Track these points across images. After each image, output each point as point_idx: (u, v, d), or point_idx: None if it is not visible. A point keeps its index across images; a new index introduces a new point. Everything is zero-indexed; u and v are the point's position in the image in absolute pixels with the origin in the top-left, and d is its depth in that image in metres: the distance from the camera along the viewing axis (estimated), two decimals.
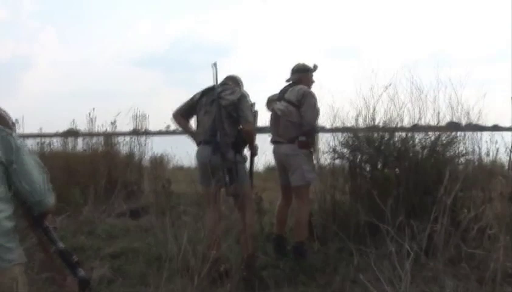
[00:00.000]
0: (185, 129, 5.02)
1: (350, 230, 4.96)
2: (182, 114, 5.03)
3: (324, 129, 5.75)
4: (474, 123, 5.40)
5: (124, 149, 9.26)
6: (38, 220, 2.78)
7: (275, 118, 5.27)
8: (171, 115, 5.08)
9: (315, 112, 5.11)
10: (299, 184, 5.05)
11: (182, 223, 6.13)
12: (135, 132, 9.29)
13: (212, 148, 4.65)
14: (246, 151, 4.91)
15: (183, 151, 14.55)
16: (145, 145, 9.32)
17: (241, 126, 4.73)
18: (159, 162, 10.19)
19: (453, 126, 5.47)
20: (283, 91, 5.34)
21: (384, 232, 4.41)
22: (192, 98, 4.96)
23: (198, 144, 4.90)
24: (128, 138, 9.36)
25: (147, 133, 9.52)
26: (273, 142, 5.33)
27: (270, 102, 5.38)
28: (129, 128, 9.47)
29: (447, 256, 4.26)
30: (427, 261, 4.26)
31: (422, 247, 4.23)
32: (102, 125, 9.27)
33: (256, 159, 5.11)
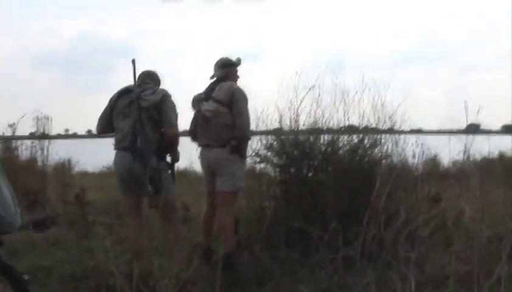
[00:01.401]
0: None
1: (279, 237, 4.79)
2: (105, 124, 4.56)
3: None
4: (397, 126, 5.44)
5: (24, 154, 8.58)
6: None
7: (202, 120, 4.91)
8: (96, 128, 4.63)
9: (247, 112, 4.85)
10: (227, 190, 4.76)
11: (96, 235, 5.73)
12: (38, 136, 8.63)
13: (132, 154, 4.23)
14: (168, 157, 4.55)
15: (87, 156, 14.02)
16: (48, 149, 8.67)
17: (163, 130, 4.35)
18: (64, 168, 9.54)
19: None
20: (210, 89, 4.98)
21: (316, 238, 4.32)
22: (109, 103, 4.52)
23: (116, 149, 4.48)
24: (28, 142, 8.69)
25: (49, 137, 8.91)
26: (201, 145, 5.00)
27: (197, 102, 5.04)
28: (30, 131, 8.86)
29: (383, 260, 4.20)
30: (363, 266, 4.16)
31: (357, 252, 4.17)
32: None
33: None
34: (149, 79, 4.60)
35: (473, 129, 4.99)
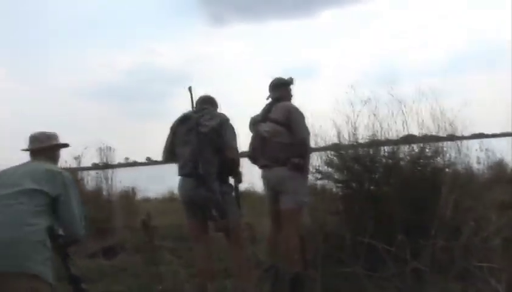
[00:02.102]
0: None
1: (345, 253, 4.73)
2: (169, 153, 4.64)
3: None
4: (458, 132, 5.32)
5: (90, 184, 8.82)
6: (62, 248, 3.15)
7: (261, 141, 4.95)
8: (161, 157, 4.73)
9: (306, 128, 4.86)
10: (291, 207, 4.75)
11: (164, 260, 5.83)
12: (102, 166, 8.88)
13: (195, 180, 4.28)
14: (231, 179, 4.59)
15: (148, 183, 14.28)
16: (112, 178, 8.90)
17: (224, 153, 4.36)
18: (128, 196, 9.77)
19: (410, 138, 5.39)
20: (266, 110, 5.03)
21: (383, 252, 4.25)
22: (170, 131, 4.61)
23: (180, 175, 4.55)
24: (93, 172, 8.94)
25: (111, 166, 9.15)
26: (262, 166, 5.04)
27: (254, 123, 5.10)
28: (92, 161, 9.10)
29: (453, 272, 4.09)
30: (433, 279, 4.06)
31: (426, 264, 4.08)
32: (65, 160, 8.81)
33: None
34: (207, 104, 4.66)
35: None
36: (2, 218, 2.93)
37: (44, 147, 3.49)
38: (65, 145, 3.68)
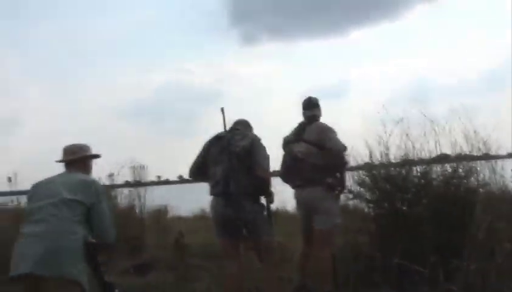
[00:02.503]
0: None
1: (377, 273, 4.70)
2: (197, 171, 4.71)
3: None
4: (492, 152, 5.26)
5: (123, 202, 8.93)
6: (93, 256, 3.29)
7: (294, 161, 4.98)
8: (188, 173, 4.80)
9: (342, 143, 4.88)
10: (324, 228, 4.78)
11: (196, 278, 5.84)
12: (134, 184, 8.98)
13: (225, 199, 4.34)
14: (263, 199, 4.61)
15: (180, 201, 14.33)
16: (145, 196, 8.99)
17: (255, 173, 4.38)
18: (161, 214, 9.84)
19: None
20: (299, 130, 5.09)
21: (415, 273, 4.21)
22: (202, 151, 4.67)
23: (211, 195, 4.60)
24: (126, 190, 9.05)
25: (143, 184, 9.25)
26: (295, 186, 5.07)
27: (287, 144, 5.14)
28: (125, 179, 9.21)
29: None
30: None
31: (459, 286, 4.02)
32: (99, 177, 8.96)
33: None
34: (239, 126, 4.73)
35: None
36: (50, 227, 3.15)
37: (76, 158, 3.66)
38: (97, 156, 3.84)
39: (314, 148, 4.85)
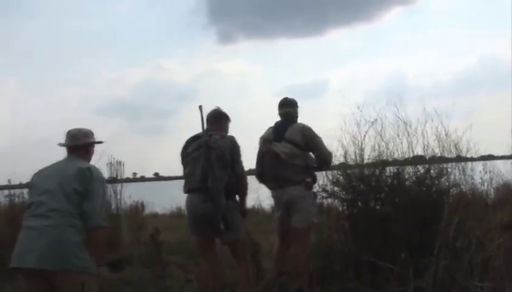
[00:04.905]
0: None
1: (349, 270, 4.80)
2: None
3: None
4: (463, 154, 5.37)
5: None
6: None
7: (273, 160, 5.05)
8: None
9: (327, 149, 5.11)
10: (302, 226, 4.88)
11: (171, 274, 5.88)
12: (110, 180, 8.94)
13: (203, 195, 4.40)
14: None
15: (156, 198, 14.34)
16: (121, 193, 8.98)
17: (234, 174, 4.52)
18: (137, 210, 9.85)
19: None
20: (281, 129, 5.15)
21: (386, 271, 4.32)
22: (182, 151, 4.73)
23: (187, 192, 4.65)
24: None
25: (119, 180, 9.23)
26: (274, 186, 5.15)
27: (266, 142, 5.20)
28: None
29: (455, 291, 4.14)
30: None
31: (428, 283, 4.13)
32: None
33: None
34: (215, 124, 4.76)
35: None
36: (51, 222, 3.22)
37: (80, 144, 3.66)
38: (100, 142, 3.86)
39: (298, 150, 4.94)
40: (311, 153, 5.14)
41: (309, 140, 4.97)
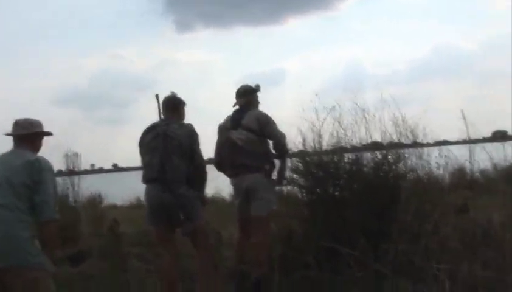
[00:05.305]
0: None
1: (309, 257, 4.83)
2: None
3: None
4: (419, 140, 5.47)
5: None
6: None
7: (232, 148, 5.02)
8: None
9: (281, 132, 5.06)
10: (261, 214, 4.87)
11: (131, 267, 5.82)
12: (67, 173, 8.80)
13: (162, 185, 4.34)
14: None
15: (114, 190, 14.17)
16: (78, 185, 8.83)
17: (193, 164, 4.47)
18: (95, 202, 9.70)
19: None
20: (237, 117, 5.12)
21: (346, 256, 4.37)
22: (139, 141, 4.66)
23: (145, 182, 4.59)
24: (59, 179, 8.86)
25: (77, 172, 9.08)
26: (233, 173, 5.12)
27: (224, 130, 5.17)
28: (58, 168, 9.01)
29: (415, 274, 4.22)
30: (395, 281, 4.18)
31: (388, 268, 4.20)
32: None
33: None
34: (172, 113, 4.69)
35: (500, 136, 4.97)
36: None
37: (27, 134, 3.51)
38: (49, 133, 3.70)
39: (255, 136, 4.93)
40: (269, 140, 5.12)
41: (263, 126, 4.96)
